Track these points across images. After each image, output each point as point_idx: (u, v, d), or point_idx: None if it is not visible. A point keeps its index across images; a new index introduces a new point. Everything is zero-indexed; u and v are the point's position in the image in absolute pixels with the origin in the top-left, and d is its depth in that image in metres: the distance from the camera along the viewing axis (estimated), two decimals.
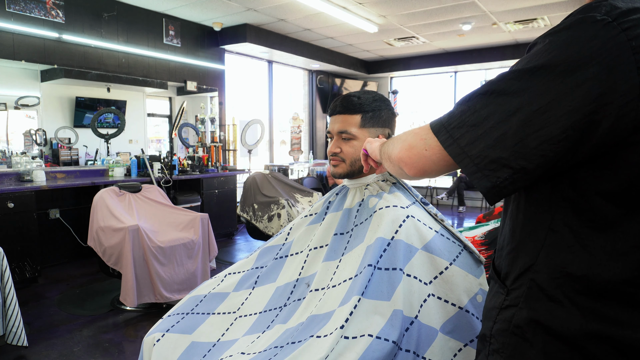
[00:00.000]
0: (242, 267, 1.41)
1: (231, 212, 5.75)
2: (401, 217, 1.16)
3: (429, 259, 1.14)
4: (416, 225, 1.17)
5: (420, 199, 1.31)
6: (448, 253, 1.16)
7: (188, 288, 3.38)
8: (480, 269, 1.18)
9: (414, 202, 1.27)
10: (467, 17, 5.84)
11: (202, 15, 5.74)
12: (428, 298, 1.10)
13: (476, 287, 1.15)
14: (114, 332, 2.96)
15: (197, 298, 1.36)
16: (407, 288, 1.09)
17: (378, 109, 1.28)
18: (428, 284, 1.12)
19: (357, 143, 1.28)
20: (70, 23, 4.66)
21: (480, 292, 1.16)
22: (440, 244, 1.16)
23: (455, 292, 1.13)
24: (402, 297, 1.07)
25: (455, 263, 1.15)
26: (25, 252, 3.70)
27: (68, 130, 4.91)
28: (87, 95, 5.11)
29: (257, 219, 4.40)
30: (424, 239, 1.16)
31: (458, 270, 1.15)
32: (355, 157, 1.28)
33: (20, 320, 2.46)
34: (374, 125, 1.28)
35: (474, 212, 7.73)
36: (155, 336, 1.24)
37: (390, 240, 1.13)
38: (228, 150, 6.59)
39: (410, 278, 1.10)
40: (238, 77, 7.36)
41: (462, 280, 1.14)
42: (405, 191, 1.30)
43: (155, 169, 4.85)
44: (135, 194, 3.58)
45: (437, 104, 9.13)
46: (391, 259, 1.11)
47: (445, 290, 1.13)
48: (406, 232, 1.15)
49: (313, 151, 8.54)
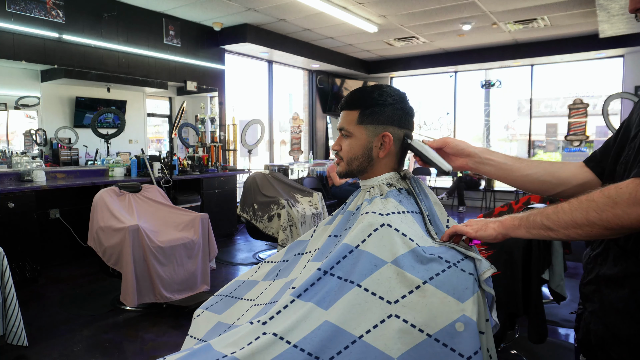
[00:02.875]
0: (276, 257, 1.43)
1: (231, 212, 5.75)
2: (375, 225, 1.05)
3: (398, 274, 0.99)
4: (390, 236, 1.03)
5: (427, 214, 1.15)
6: (425, 270, 0.99)
7: (188, 288, 3.38)
8: (469, 291, 0.97)
9: (409, 212, 1.12)
10: (467, 17, 5.84)
11: (202, 15, 5.74)
12: (388, 319, 0.96)
13: (457, 313, 0.95)
14: (114, 332, 2.97)
15: (238, 282, 1.43)
16: (357, 303, 0.98)
17: (380, 105, 1.15)
18: (392, 303, 0.97)
19: (353, 141, 1.18)
20: (70, 23, 4.66)
21: (463, 320, 0.94)
22: (416, 259, 1.00)
23: (424, 316, 0.95)
24: (344, 311, 0.97)
25: (432, 282, 0.97)
26: (26, 252, 3.70)
27: (68, 130, 4.91)
28: (87, 95, 5.12)
29: (257, 219, 4.40)
30: (395, 252, 1.01)
31: (434, 291, 0.97)
32: (351, 155, 1.19)
33: (21, 320, 2.46)
34: (373, 123, 1.16)
35: (474, 212, 7.74)
36: (197, 311, 1.39)
37: (353, 248, 1.04)
38: (228, 150, 6.59)
39: (368, 294, 0.98)
40: (238, 77, 7.36)
41: (438, 303, 0.96)
42: (408, 198, 1.16)
43: (155, 169, 4.85)
44: (135, 194, 3.58)
45: (437, 104, 9.13)
46: (347, 269, 1.02)
47: (413, 313, 0.96)
48: (376, 242, 1.03)
49: (313, 151, 8.54)
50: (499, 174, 1.14)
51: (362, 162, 1.18)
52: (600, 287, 0.92)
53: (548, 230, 0.90)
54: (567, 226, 0.87)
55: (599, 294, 0.92)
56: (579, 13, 5.70)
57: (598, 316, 0.91)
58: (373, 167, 1.19)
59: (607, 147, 1.05)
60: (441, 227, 1.15)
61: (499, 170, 1.13)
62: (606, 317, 0.89)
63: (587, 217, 0.82)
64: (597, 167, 1.07)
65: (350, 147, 1.19)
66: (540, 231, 0.91)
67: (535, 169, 1.11)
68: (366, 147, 1.17)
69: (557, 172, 1.10)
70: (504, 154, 1.15)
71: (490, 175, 1.15)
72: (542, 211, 0.91)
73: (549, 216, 0.89)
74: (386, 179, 1.19)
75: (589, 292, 0.95)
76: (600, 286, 0.92)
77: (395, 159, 1.19)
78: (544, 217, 0.90)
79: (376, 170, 1.19)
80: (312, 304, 0.99)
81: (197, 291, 3.43)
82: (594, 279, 0.94)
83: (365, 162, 1.18)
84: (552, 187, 1.10)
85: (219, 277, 4.14)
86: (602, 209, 0.81)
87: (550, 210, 0.89)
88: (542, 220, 0.90)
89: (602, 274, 0.91)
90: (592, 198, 0.83)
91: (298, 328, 0.96)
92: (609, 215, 0.80)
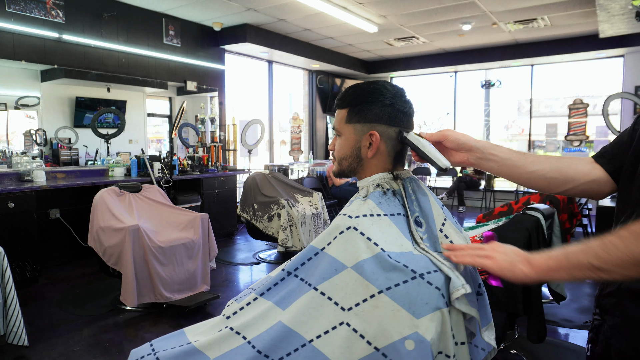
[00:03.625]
0: None
1: (231, 212, 5.76)
2: (341, 227, 1.00)
3: (356, 281, 0.93)
4: (354, 240, 0.97)
5: (416, 216, 1.05)
6: (385, 278, 0.91)
7: (188, 288, 3.38)
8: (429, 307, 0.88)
9: (387, 214, 1.03)
10: (467, 17, 5.84)
11: (202, 15, 5.74)
12: (339, 326, 0.91)
13: (409, 329, 0.87)
14: (114, 332, 2.97)
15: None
16: (312, 307, 0.95)
17: (369, 102, 1.07)
18: (346, 310, 0.92)
19: (343, 140, 1.13)
20: (70, 23, 4.66)
21: (414, 338, 0.86)
22: (378, 266, 0.93)
23: (374, 328, 0.89)
24: (298, 313, 0.95)
25: (388, 292, 0.89)
26: (26, 252, 3.70)
27: (68, 130, 4.91)
28: (87, 95, 5.12)
29: (257, 219, 4.41)
30: (357, 257, 0.94)
31: (388, 302, 0.89)
32: (341, 155, 1.14)
33: (21, 320, 2.46)
34: (360, 121, 1.08)
35: (474, 212, 7.74)
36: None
37: (319, 251, 1.01)
38: (228, 150, 6.59)
39: (324, 298, 0.95)
40: (238, 77, 7.36)
41: (390, 315, 0.88)
42: (392, 200, 1.06)
43: (155, 169, 4.85)
44: (135, 194, 3.58)
45: (437, 104, 9.13)
46: (309, 271, 1.00)
47: (363, 323, 0.90)
48: (339, 245, 0.98)
49: (313, 151, 8.55)
50: (503, 170, 1.05)
51: (352, 162, 1.12)
52: (622, 300, 0.86)
53: (599, 272, 0.78)
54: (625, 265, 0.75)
55: (621, 307, 0.87)
56: (579, 13, 5.70)
57: (620, 331, 0.87)
58: (363, 168, 1.12)
59: (620, 144, 0.99)
60: (434, 231, 1.05)
61: (503, 167, 1.05)
62: (630, 332, 0.85)
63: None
64: (609, 164, 1.00)
65: (340, 147, 1.14)
66: (587, 272, 0.79)
67: (542, 165, 1.03)
68: (354, 146, 1.10)
69: (565, 168, 1.03)
70: (508, 149, 1.06)
71: (493, 171, 1.06)
72: (586, 249, 0.79)
73: (597, 255, 0.78)
74: (376, 179, 1.11)
75: (610, 305, 0.90)
76: (623, 299, 0.86)
77: (388, 159, 1.10)
78: (590, 256, 0.79)
79: (367, 171, 1.12)
80: (272, 303, 1.01)
81: (197, 291, 3.43)
82: (615, 291, 0.89)
83: (355, 162, 1.12)
84: (560, 184, 1.03)
85: (219, 277, 4.14)
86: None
87: (596, 247, 0.78)
88: (590, 260, 0.79)
89: (626, 287, 0.86)
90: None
91: (255, 325, 0.99)
92: None
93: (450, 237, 1.03)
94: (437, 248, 1.01)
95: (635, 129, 0.94)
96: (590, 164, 1.02)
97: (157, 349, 1.10)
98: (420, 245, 0.99)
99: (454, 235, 1.04)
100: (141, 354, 1.11)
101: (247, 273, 4.44)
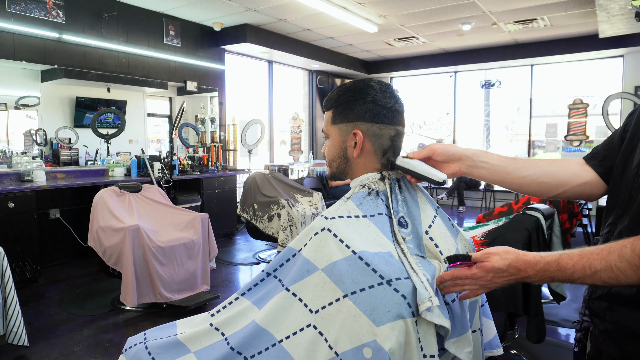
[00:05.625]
0: None
1: (231, 212, 5.76)
2: (316, 229, 0.99)
3: (325, 283, 0.92)
4: (326, 241, 0.95)
5: (400, 217, 1.01)
6: (352, 282, 0.88)
7: (188, 288, 3.38)
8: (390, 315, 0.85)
9: (367, 215, 1.00)
10: (467, 17, 5.84)
11: (202, 15, 5.74)
12: (306, 328, 0.91)
13: (368, 336, 0.84)
14: (114, 332, 2.97)
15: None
16: (283, 307, 0.95)
17: (350, 102, 1.05)
18: (314, 313, 0.91)
19: (330, 142, 1.12)
20: (70, 23, 4.66)
21: (372, 346, 0.83)
22: (348, 268, 0.90)
23: (336, 333, 0.87)
24: (269, 313, 0.96)
25: (352, 296, 0.87)
26: (26, 252, 3.70)
27: (68, 130, 4.91)
28: (87, 95, 5.12)
29: (257, 219, 4.40)
30: (329, 259, 0.93)
31: (350, 307, 0.87)
32: (330, 157, 1.12)
33: (21, 320, 2.47)
34: (344, 121, 1.06)
35: (474, 212, 7.74)
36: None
37: (296, 252, 1.00)
38: (228, 150, 6.59)
39: (295, 299, 0.94)
40: (238, 77, 7.36)
41: (351, 321, 0.86)
42: (374, 201, 1.03)
43: (155, 169, 4.85)
44: (135, 194, 3.58)
45: (437, 104, 9.13)
46: (285, 272, 1.01)
47: (327, 327, 0.89)
48: (313, 247, 0.97)
49: (313, 151, 8.55)
50: (494, 177, 1.04)
51: (340, 163, 1.10)
52: (613, 306, 0.86)
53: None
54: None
55: (611, 313, 0.86)
56: (579, 13, 5.70)
57: (612, 338, 0.86)
58: (352, 168, 1.09)
59: (610, 145, 0.99)
60: (420, 232, 1.01)
61: (494, 174, 1.04)
62: (623, 342, 0.84)
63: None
64: (599, 166, 1.00)
65: (329, 149, 1.12)
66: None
67: (532, 169, 1.02)
68: (340, 147, 1.08)
69: (556, 172, 1.02)
70: (499, 155, 1.06)
71: (485, 179, 1.06)
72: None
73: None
74: (364, 180, 1.07)
75: (600, 309, 0.90)
76: (614, 305, 0.86)
77: (375, 158, 1.06)
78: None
79: (356, 171, 1.09)
80: (250, 302, 1.04)
81: (197, 291, 3.43)
82: (605, 295, 0.88)
83: (343, 163, 1.09)
84: (552, 188, 1.03)
85: (219, 277, 4.14)
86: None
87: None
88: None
89: (617, 292, 0.85)
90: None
91: (233, 323, 1.03)
92: None
93: (435, 240, 1.00)
94: (422, 249, 0.98)
95: (626, 129, 0.94)
96: (582, 165, 1.02)
97: (148, 338, 1.17)
98: (401, 246, 0.96)
99: (439, 239, 1.01)
100: (134, 341, 1.19)
101: (247, 273, 4.44)
